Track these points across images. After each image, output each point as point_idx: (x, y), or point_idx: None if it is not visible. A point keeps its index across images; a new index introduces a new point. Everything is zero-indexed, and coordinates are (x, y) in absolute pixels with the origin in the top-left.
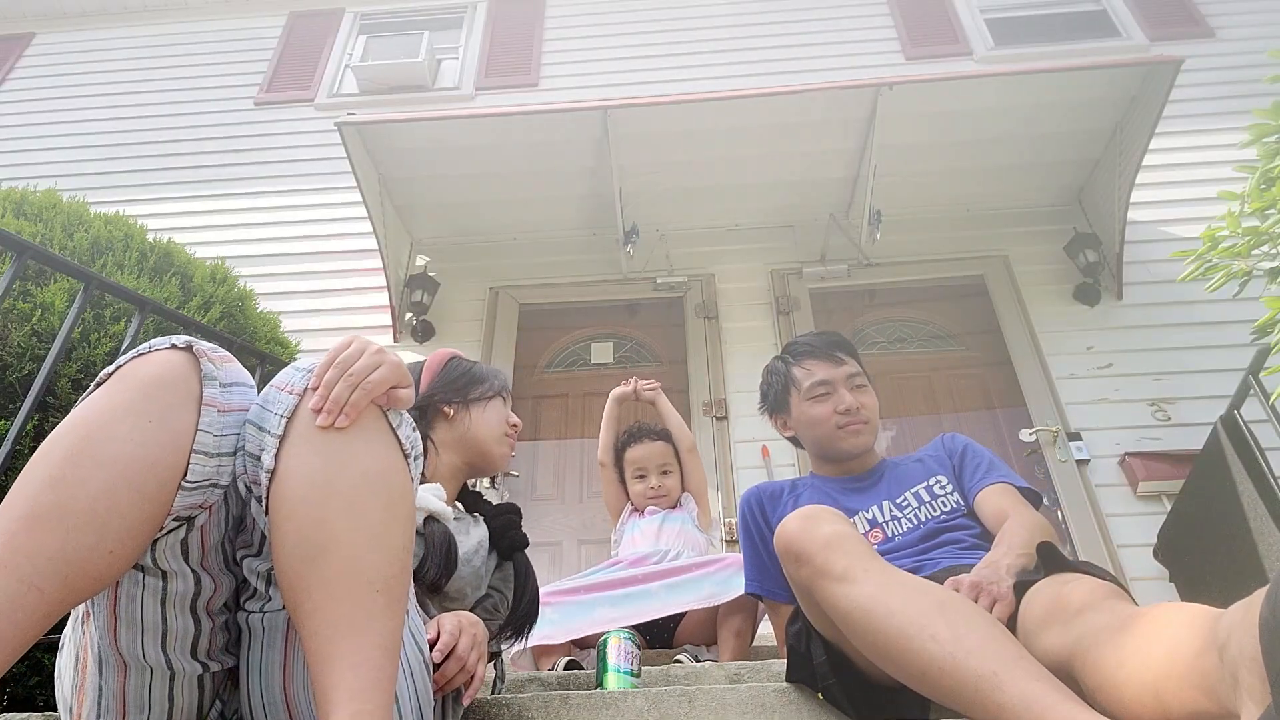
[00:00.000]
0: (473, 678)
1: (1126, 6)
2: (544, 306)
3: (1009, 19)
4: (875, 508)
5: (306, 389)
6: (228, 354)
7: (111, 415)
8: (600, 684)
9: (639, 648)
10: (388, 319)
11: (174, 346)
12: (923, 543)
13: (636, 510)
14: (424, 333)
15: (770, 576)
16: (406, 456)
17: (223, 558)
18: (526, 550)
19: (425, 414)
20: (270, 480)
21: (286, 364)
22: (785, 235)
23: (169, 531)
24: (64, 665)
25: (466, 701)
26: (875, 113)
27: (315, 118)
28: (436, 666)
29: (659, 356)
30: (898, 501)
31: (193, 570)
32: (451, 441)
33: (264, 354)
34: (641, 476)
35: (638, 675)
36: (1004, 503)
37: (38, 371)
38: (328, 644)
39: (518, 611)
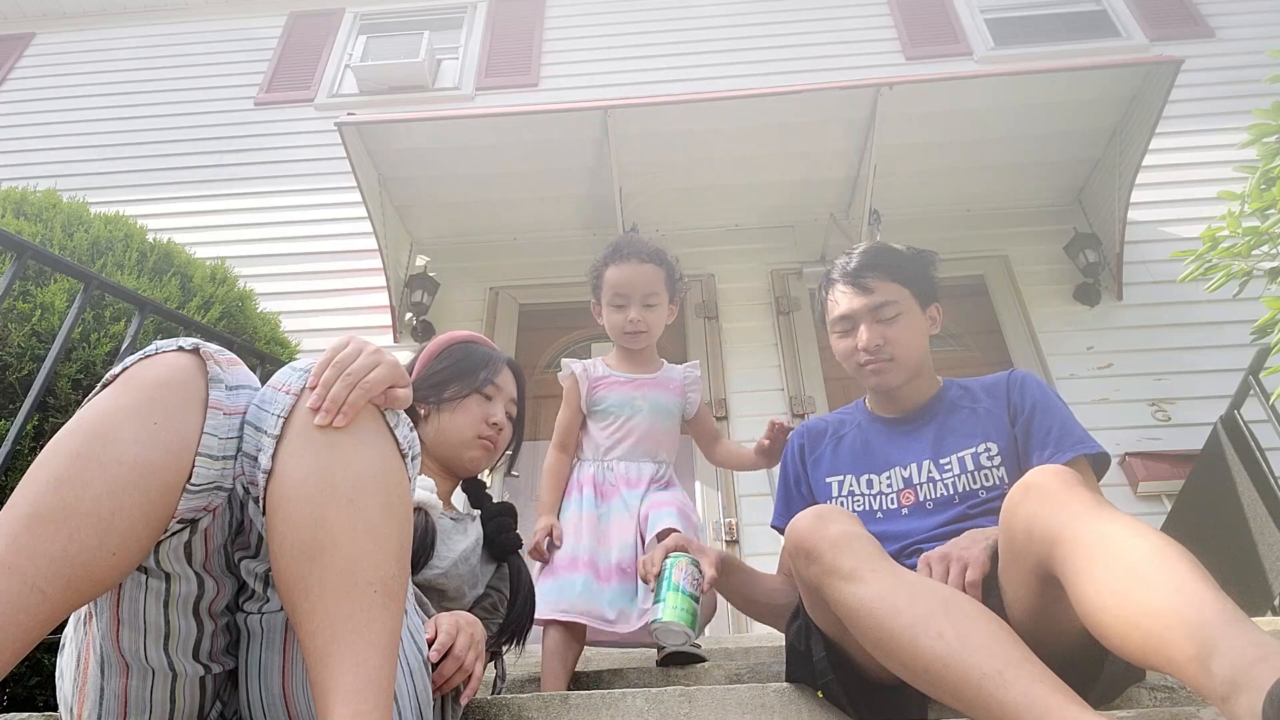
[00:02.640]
0: (470, 677)
1: (1126, 6)
2: (544, 306)
3: (1009, 19)
4: (915, 465)
5: (303, 389)
6: (234, 356)
7: (116, 417)
8: (658, 600)
9: (701, 574)
10: (388, 319)
11: (181, 349)
12: (948, 525)
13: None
14: (424, 333)
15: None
16: (404, 456)
17: (225, 560)
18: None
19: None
20: (267, 480)
21: (286, 364)
22: (785, 235)
23: (173, 534)
24: (65, 665)
25: (465, 701)
26: (875, 113)
27: (315, 118)
28: (434, 666)
29: None
30: (940, 463)
31: (196, 573)
32: (427, 442)
33: (264, 354)
34: (621, 306)
35: (698, 600)
36: None
37: (38, 371)
38: (326, 644)
39: (513, 614)
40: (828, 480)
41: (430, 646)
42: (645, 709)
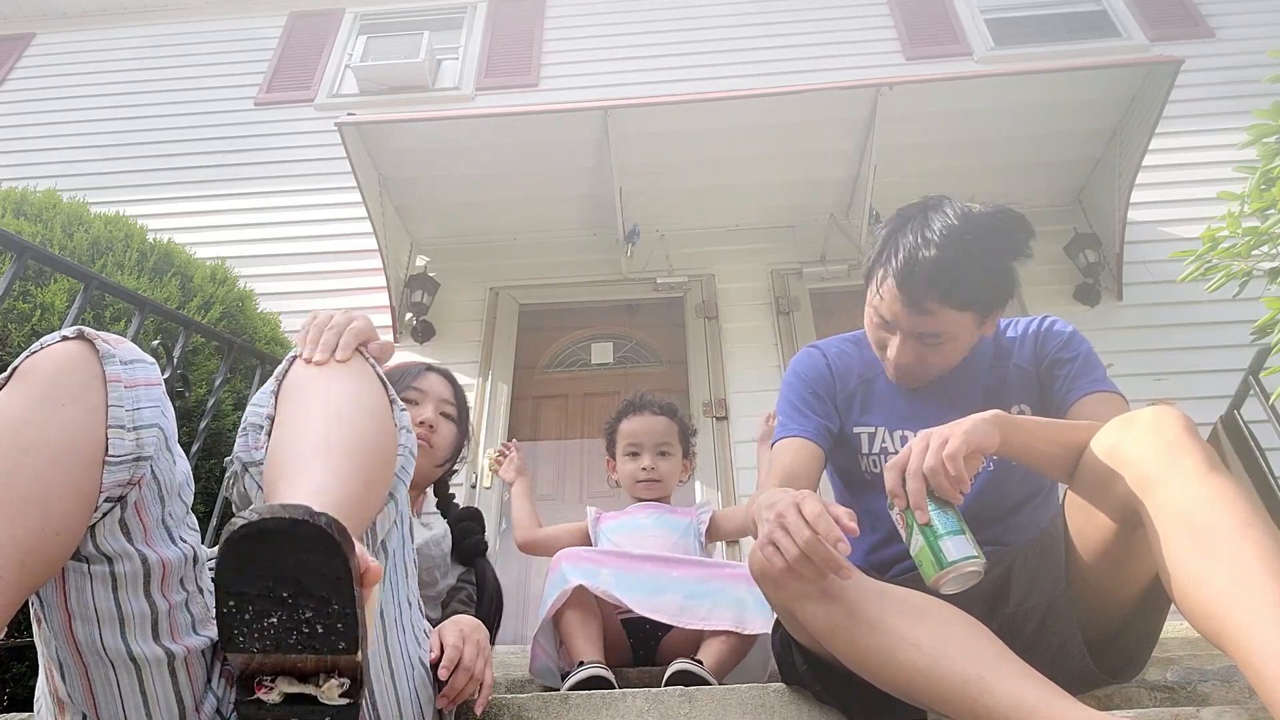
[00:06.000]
0: (482, 685)
1: (1126, 6)
2: (544, 306)
3: (1009, 19)
4: None
5: (295, 357)
6: (120, 336)
7: (24, 406)
8: (936, 558)
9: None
10: (388, 319)
11: (65, 338)
12: (981, 495)
13: (611, 514)
14: (424, 333)
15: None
16: (392, 403)
17: (167, 535)
18: (514, 551)
19: None
20: (271, 425)
21: None
22: (785, 235)
23: (104, 514)
24: (39, 692)
25: (479, 710)
26: (875, 113)
27: (315, 118)
28: (444, 682)
29: (659, 357)
30: None
31: (138, 550)
32: None
33: (264, 354)
34: (634, 454)
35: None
36: (1107, 416)
37: None
38: (300, 470)
39: (480, 614)
40: (856, 431)
41: (435, 665)
42: (645, 709)
